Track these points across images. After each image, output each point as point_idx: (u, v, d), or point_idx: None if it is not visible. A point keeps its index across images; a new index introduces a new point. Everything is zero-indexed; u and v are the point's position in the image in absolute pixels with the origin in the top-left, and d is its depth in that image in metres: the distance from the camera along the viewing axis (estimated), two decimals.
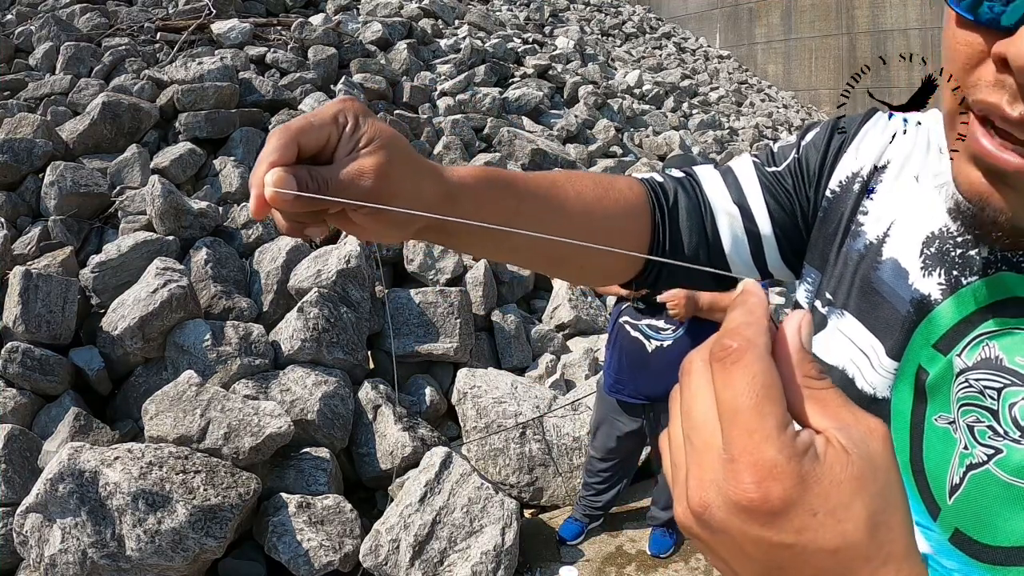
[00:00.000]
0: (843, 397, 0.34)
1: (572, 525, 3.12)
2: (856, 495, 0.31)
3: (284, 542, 2.68)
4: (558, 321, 4.40)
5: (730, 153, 8.33)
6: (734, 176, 0.78)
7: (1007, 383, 0.54)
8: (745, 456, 0.31)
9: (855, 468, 0.32)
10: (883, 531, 0.32)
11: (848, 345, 0.68)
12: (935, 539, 0.58)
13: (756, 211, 0.75)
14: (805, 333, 0.35)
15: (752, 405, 0.31)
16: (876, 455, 0.32)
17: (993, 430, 0.55)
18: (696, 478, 0.33)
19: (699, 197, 0.78)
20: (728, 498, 0.32)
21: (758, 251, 0.76)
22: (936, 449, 0.59)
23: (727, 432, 0.32)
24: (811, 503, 0.31)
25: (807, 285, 0.75)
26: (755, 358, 0.32)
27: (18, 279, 3.14)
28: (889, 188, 0.69)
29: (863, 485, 0.31)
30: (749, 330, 0.34)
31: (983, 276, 0.59)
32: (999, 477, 0.54)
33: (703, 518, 0.33)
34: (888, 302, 0.65)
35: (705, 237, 0.77)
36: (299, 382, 3.20)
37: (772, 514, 0.31)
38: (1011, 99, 0.44)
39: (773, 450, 0.31)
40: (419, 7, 7.71)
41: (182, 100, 4.74)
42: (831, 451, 0.32)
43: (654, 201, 0.77)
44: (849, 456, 0.32)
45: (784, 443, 0.31)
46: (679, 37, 15.83)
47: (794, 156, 0.76)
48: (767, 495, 0.31)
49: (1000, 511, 0.53)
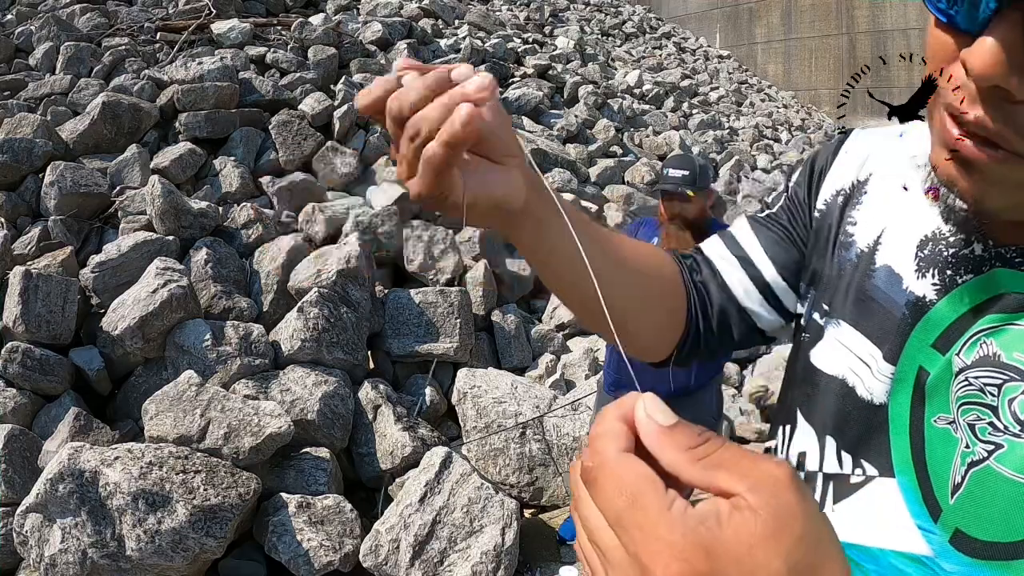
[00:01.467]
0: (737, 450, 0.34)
1: (572, 525, 3.12)
2: (772, 553, 0.31)
3: (284, 542, 2.68)
4: (558, 321, 4.40)
5: (730, 153, 8.33)
6: (731, 235, 0.82)
7: (1006, 379, 0.55)
8: (643, 550, 0.32)
9: (765, 526, 0.31)
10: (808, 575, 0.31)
11: (846, 354, 0.68)
12: (936, 541, 0.58)
13: (755, 257, 0.79)
14: (656, 412, 0.35)
15: (628, 505, 0.33)
16: (787, 505, 0.32)
17: (993, 426, 0.55)
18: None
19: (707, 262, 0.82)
20: None
21: (770, 296, 0.79)
22: (937, 450, 0.59)
23: (621, 536, 0.33)
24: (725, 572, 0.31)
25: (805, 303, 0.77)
26: (612, 466, 0.34)
27: (18, 279, 3.14)
28: (875, 198, 0.71)
29: (778, 541, 0.31)
30: (600, 443, 0.35)
31: (977, 274, 0.60)
32: (1000, 472, 0.54)
33: None
34: (883, 308, 0.66)
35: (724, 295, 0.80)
36: (299, 382, 3.20)
37: None
38: (970, 102, 0.47)
39: (666, 532, 0.31)
40: (419, 7, 7.71)
41: (182, 100, 4.74)
42: (736, 516, 0.31)
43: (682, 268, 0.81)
44: (757, 515, 0.31)
45: (674, 521, 0.31)
46: (679, 37, 15.83)
47: (785, 197, 0.80)
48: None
49: (1001, 507, 0.53)
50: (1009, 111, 0.46)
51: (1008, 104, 0.46)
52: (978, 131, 0.48)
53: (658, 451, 0.34)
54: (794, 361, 0.78)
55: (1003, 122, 0.46)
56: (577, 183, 5.75)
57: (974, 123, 0.48)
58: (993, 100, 0.46)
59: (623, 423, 0.36)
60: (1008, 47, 0.44)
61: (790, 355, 0.80)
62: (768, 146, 9.96)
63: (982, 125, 0.47)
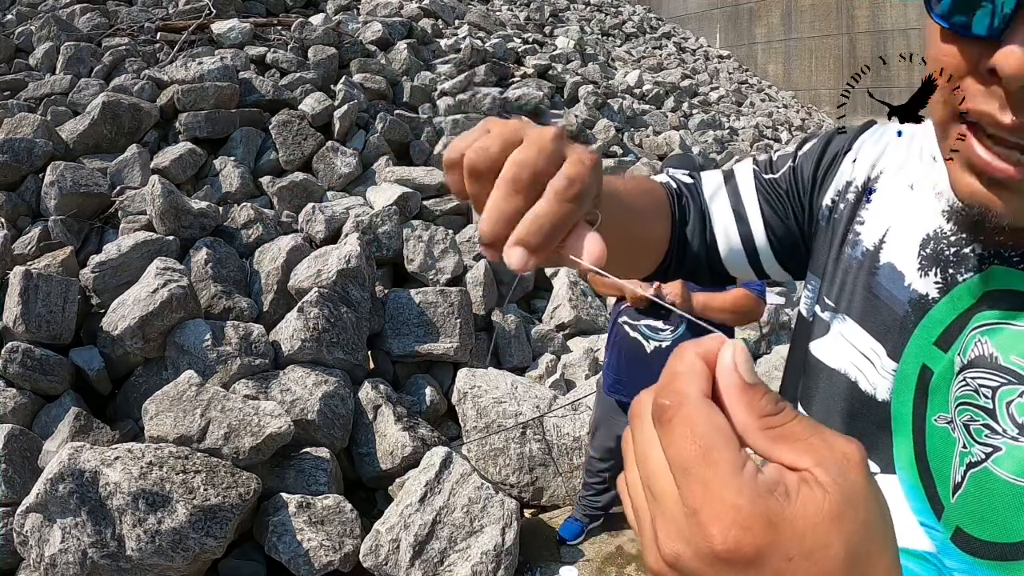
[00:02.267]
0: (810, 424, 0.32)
1: (572, 525, 3.13)
2: (835, 535, 0.30)
3: (284, 542, 2.68)
4: (558, 321, 4.40)
5: (730, 153, 8.33)
6: (734, 182, 0.82)
7: (1003, 382, 0.55)
8: (706, 508, 0.30)
9: (833, 507, 0.30)
10: (863, 564, 0.31)
11: (850, 349, 0.69)
12: (939, 538, 0.59)
13: (751, 217, 0.79)
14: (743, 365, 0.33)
15: (699, 456, 0.31)
16: (856, 487, 0.31)
17: (990, 428, 0.55)
18: (663, 529, 0.32)
19: (702, 203, 0.83)
20: (698, 549, 0.30)
21: (753, 254, 0.80)
22: (938, 448, 0.60)
23: (683, 486, 0.31)
24: (785, 547, 0.30)
25: (808, 292, 0.78)
26: (690, 410, 0.32)
27: (18, 279, 3.14)
28: (884, 197, 0.71)
29: (842, 523, 0.30)
30: (680, 382, 0.33)
31: (977, 272, 0.60)
32: (998, 475, 0.54)
33: (676, 567, 0.32)
34: (887, 305, 0.66)
35: (705, 242, 0.81)
36: (299, 382, 3.20)
37: (745, 562, 0.30)
38: (1001, 107, 0.46)
39: (733, 495, 0.30)
40: (419, 7, 7.71)
41: (182, 100, 4.74)
42: (805, 490, 0.30)
43: (673, 205, 0.82)
44: (827, 494, 0.30)
45: (743, 485, 0.30)
46: (679, 37, 15.83)
47: (789, 165, 0.80)
48: (737, 545, 0.30)
49: (1000, 508, 0.54)
50: None
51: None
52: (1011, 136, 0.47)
53: (732, 407, 0.32)
54: (794, 352, 0.79)
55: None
56: None
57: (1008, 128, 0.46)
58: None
59: (705, 364, 0.33)
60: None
61: (790, 347, 0.81)
62: (768, 146, 9.97)
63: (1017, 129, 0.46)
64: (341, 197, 4.69)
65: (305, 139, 4.89)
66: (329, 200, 4.64)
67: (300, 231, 4.25)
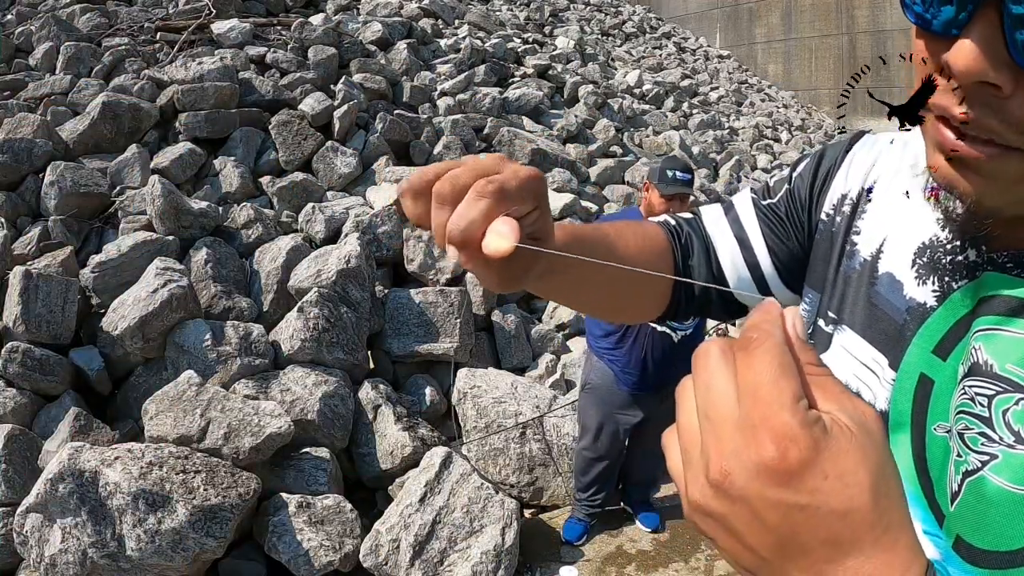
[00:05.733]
0: (840, 383, 0.38)
1: (575, 526, 3.14)
2: (860, 464, 0.34)
3: (284, 542, 2.68)
4: (558, 321, 4.40)
5: (730, 153, 8.33)
6: (735, 212, 0.84)
7: (999, 390, 0.55)
8: (765, 422, 0.34)
9: (858, 441, 0.35)
10: (883, 500, 0.34)
11: (851, 360, 0.69)
12: (942, 546, 0.59)
13: (755, 244, 0.81)
14: (799, 326, 0.39)
15: (772, 379, 0.35)
16: (873, 434, 0.36)
17: (987, 436, 0.55)
18: (715, 450, 0.36)
19: (704, 237, 0.85)
20: (749, 461, 0.34)
21: (761, 281, 0.82)
22: (937, 458, 0.60)
23: (747, 405, 0.35)
24: (823, 466, 0.34)
25: (805, 305, 0.78)
26: (774, 343, 0.37)
27: (18, 279, 3.14)
28: (879, 206, 0.72)
29: (865, 455, 0.35)
30: (767, 324, 0.38)
31: (971, 279, 0.60)
32: (995, 483, 0.54)
33: (723, 487, 0.35)
34: (887, 315, 0.67)
35: (712, 274, 0.83)
36: (299, 382, 3.20)
37: (789, 474, 0.34)
38: (957, 101, 0.48)
39: (789, 416, 0.34)
40: (419, 7, 7.71)
41: (182, 100, 4.74)
42: (836, 426, 0.35)
43: (674, 243, 0.84)
44: (852, 432, 0.35)
45: (799, 411, 0.34)
46: (679, 37, 15.83)
47: (786, 188, 0.81)
48: (785, 455, 0.34)
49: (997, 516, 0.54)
50: (998, 106, 0.47)
51: (996, 99, 0.46)
52: (969, 130, 0.49)
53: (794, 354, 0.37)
54: None
55: (994, 117, 0.47)
56: (577, 183, 5.75)
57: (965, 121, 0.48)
58: (981, 97, 0.47)
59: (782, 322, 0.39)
60: (988, 43, 0.45)
61: None
62: (768, 146, 9.97)
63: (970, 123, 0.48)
64: (341, 197, 4.69)
65: (305, 139, 4.89)
66: (329, 200, 4.64)
67: (300, 231, 4.25)
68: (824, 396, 0.36)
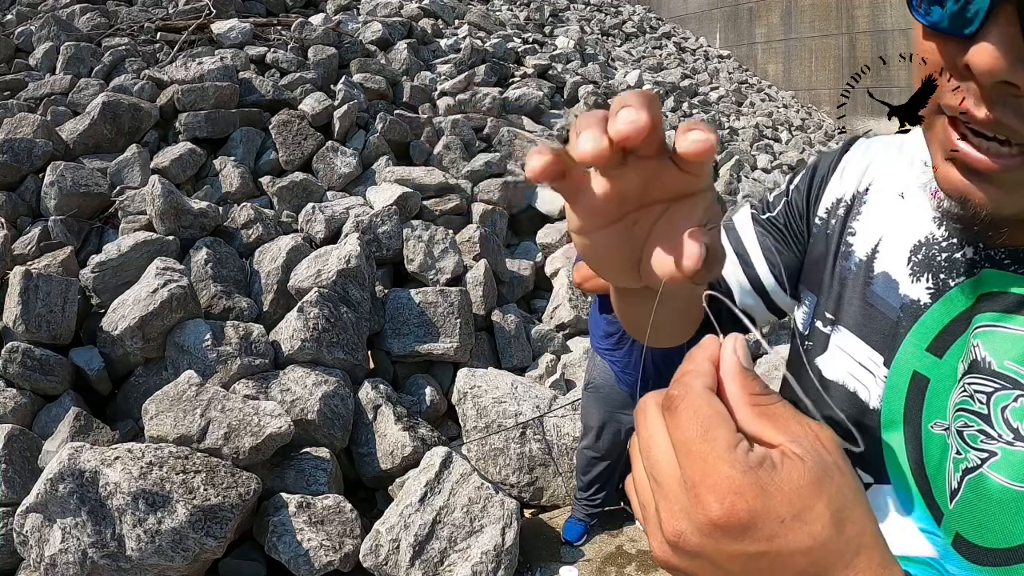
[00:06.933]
0: (790, 409, 0.37)
1: (576, 526, 3.14)
2: (817, 496, 0.34)
3: (284, 542, 2.68)
4: (558, 321, 4.40)
5: (730, 153, 8.33)
6: (736, 232, 0.84)
7: (997, 387, 0.55)
8: (704, 480, 0.34)
9: (812, 473, 0.34)
10: (849, 526, 0.34)
11: (847, 360, 0.69)
12: (940, 544, 0.58)
13: (754, 258, 0.81)
14: (741, 353, 0.38)
15: (699, 435, 0.35)
16: (827, 459, 0.35)
17: (986, 434, 0.55)
18: (666, 510, 0.36)
19: None
20: (698, 522, 0.34)
21: (764, 294, 0.82)
22: (934, 455, 0.60)
23: (684, 465, 0.35)
24: (776, 510, 0.33)
25: (805, 307, 0.78)
26: (694, 397, 0.36)
27: (18, 279, 3.14)
28: (875, 207, 0.72)
29: (822, 487, 0.34)
30: (687, 377, 0.38)
31: (969, 276, 0.60)
32: (994, 480, 0.54)
33: (679, 546, 0.35)
34: (882, 313, 0.66)
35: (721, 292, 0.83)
36: (299, 382, 3.20)
37: (742, 527, 0.33)
38: (976, 102, 0.47)
39: (727, 467, 0.34)
40: (419, 7, 7.71)
41: (182, 100, 4.74)
42: (787, 461, 0.34)
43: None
44: (804, 463, 0.34)
45: (736, 459, 0.34)
46: (679, 37, 15.83)
47: (784, 200, 0.82)
48: (732, 510, 0.33)
49: (997, 513, 0.54)
50: (1017, 105, 0.46)
51: (1014, 99, 0.46)
52: (987, 130, 0.48)
53: (728, 384, 0.37)
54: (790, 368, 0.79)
55: (1014, 117, 0.46)
56: None
57: (984, 123, 0.47)
58: (1000, 97, 0.46)
59: (711, 364, 0.38)
60: (1008, 41, 0.44)
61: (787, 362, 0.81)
62: (768, 146, 9.96)
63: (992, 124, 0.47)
64: (341, 197, 4.69)
65: (305, 139, 4.89)
66: (329, 200, 4.63)
67: (300, 231, 4.25)
68: (774, 426, 0.36)
